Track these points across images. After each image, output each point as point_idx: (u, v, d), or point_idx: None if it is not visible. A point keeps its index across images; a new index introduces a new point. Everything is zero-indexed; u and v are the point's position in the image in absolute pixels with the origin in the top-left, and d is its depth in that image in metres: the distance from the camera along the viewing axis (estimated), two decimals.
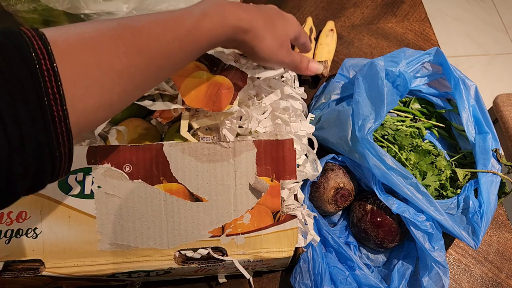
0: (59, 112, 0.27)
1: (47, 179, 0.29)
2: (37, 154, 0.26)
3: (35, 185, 0.28)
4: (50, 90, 0.26)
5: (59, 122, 0.27)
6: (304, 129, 0.53)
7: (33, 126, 0.25)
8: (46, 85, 0.26)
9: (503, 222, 0.63)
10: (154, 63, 0.34)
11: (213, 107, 0.47)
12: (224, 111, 0.48)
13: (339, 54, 0.78)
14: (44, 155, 0.27)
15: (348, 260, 0.54)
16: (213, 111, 0.47)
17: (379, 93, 0.53)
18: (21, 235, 0.43)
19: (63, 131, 0.27)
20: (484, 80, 1.76)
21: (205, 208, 0.45)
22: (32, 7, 0.64)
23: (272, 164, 0.45)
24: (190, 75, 0.47)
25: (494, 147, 0.56)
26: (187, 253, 0.46)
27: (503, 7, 2.01)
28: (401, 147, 0.59)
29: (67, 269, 0.44)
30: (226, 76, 0.48)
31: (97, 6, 0.63)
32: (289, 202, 0.48)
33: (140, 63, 0.32)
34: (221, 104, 0.47)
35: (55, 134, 0.27)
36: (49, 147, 0.27)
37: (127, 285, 0.52)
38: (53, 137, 0.27)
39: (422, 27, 0.82)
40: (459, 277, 0.59)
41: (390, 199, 0.52)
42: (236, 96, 0.48)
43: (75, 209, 0.43)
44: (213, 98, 0.47)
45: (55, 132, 0.27)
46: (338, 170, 0.58)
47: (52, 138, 0.27)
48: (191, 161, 0.44)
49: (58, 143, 0.27)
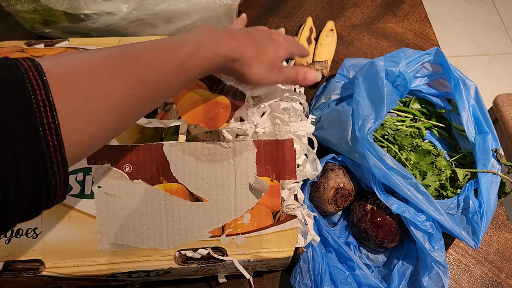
0: (54, 142, 0.27)
1: (42, 207, 0.29)
2: (32, 184, 0.26)
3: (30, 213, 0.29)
4: (45, 120, 0.26)
5: (54, 152, 0.27)
6: (304, 129, 0.53)
7: (29, 157, 0.26)
8: (41, 115, 0.26)
9: (503, 222, 0.63)
10: (151, 92, 0.35)
11: (209, 125, 0.47)
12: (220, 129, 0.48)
13: (339, 54, 0.78)
14: (40, 185, 0.27)
15: (348, 260, 0.54)
16: (209, 128, 0.48)
17: (379, 93, 0.53)
18: (21, 235, 0.43)
19: (58, 160, 0.28)
20: (484, 80, 1.76)
21: (205, 208, 0.45)
22: (32, 7, 0.64)
23: (272, 164, 0.45)
24: (189, 92, 0.47)
25: (494, 147, 0.56)
26: (187, 253, 0.46)
27: (503, 7, 2.01)
28: (401, 147, 0.59)
29: (67, 269, 0.44)
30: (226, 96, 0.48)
31: (97, 6, 0.63)
32: (289, 202, 0.48)
33: (137, 92, 0.33)
34: (217, 122, 0.47)
35: (50, 164, 0.27)
36: (45, 177, 0.27)
37: (127, 285, 0.52)
38: (48, 167, 0.27)
39: (422, 27, 0.82)
40: (459, 277, 0.59)
41: (390, 199, 0.52)
42: (233, 115, 0.48)
43: (75, 209, 0.43)
44: (210, 116, 0.47)
45: (50, 162, 0.27)
46: (338, 170, 0.58)
47: (47, 168, 0.27)
48: (191, 161, 0.44)
49: (54, 172, 0.28)
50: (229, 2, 0.66)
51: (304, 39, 0.75)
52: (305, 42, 0.75)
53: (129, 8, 0.63)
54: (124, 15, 0.63)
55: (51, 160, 0.27)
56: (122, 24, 0.64)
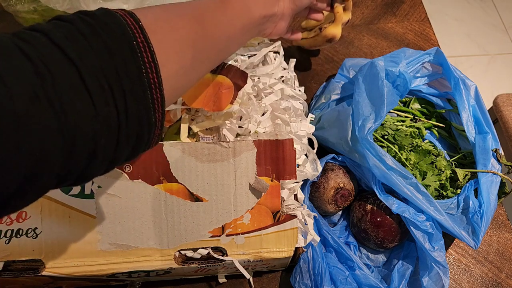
0: (154, 79, 0.29)
1: (141, 147, 0.31)
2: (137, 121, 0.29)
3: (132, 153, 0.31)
4: (146, 59, 0.29)
5: (155, 88, 0.29)
6: (304, 129, 0.53)
7: (135, 96, 0.28)
8: (143, 55, 0.29)
9: (503, 222, 0.63)
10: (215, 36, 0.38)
11: (213, 107, 0.47)
12: (225, 111, 0.48)
13: (339, 54, 0.78)
14: (143, 122, 0.29)
15: (348, 260, 0.53)
16: (213, 111, 0.47)
17: (379, 93, 0.53)
18: (21, 235, 0.43)
19: (158, 97, 0.30)
20: (484, 80, 1.76)
21: (205, 208, 0.45)
22: (32, 8, 0.64)
23: (272, 164, 0.45)
24: None
25: (494, 147, 0.56)
26: (187, 253, 0.46)
27: (503, 7, 2.01)
28: (401, 147, 0.59)
29: (67, 269, 0.44)
30: (226, 76, 0.48)
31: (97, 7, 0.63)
32: (289, 202, 0.48)
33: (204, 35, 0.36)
34: (221, 104, 0.47)
35: (151, 100, 0.29)
36: (147, 114, 0.29)
37: (127, 285, 0.52)
38: (150, 104, 0.29)
39: (422, 27, 0.82)
40: (459, 277, 0.59)
41: (390, 199, 0.52)
42: (236, 95, 0.48)
43: (75, 209, 0.43)
44: (213, 98, 0.47)
45: (151, 98, 0.29)
46: (338, 170, 0.58)
47: (149, 104, 0.29)
48: (191, 161, 0.44)
49: (154, 109, 0.30)
50: None
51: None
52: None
53: (129, 8, 0.63)
54: None
55: (152, 97, 0.29)
56: None
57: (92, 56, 0.26)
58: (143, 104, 0.29)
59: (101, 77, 0.26)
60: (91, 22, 0.27)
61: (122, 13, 0.29)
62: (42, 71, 0.24)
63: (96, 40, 0.27)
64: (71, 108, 0.24)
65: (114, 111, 0.27)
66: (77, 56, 0.25)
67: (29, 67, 0.23)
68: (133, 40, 0.28)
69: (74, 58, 0.25)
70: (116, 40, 0.28)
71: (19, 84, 0.23)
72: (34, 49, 0.24)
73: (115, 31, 0.28)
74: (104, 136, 0.27)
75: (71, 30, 0.27)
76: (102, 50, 0.27)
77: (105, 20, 0.28)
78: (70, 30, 0.27)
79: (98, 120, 0.26)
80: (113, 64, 0.27)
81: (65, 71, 0.25)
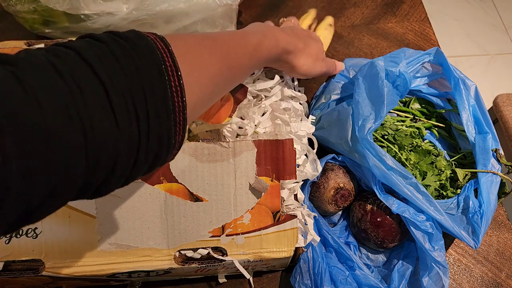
0: (179, 103, 0.30)
1: (158, 165, 0.32)
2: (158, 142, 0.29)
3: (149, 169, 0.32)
4: (173, 83, 0.30)
5: (179, 112, 0.30)
6: (304, 129, 0.53)
7: (158, 118, 0.29)
8: (170, 78, 0.29)
9: (503, 222, 0.63)
10: (232, 71, 0.39)
11: (212, 120, 0.47)
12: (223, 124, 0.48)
13: (339, 54, 0.78)
14: (163, 143, 0.30)
15: (348, 260, 0.53)
16: (212, 124, 0.48)
17: (379, 93, 0.53)
18: (21, 235, 0.43)
19: (180, 120, 0.30)
20: (484, 80, 1.76)
21: (205, 208, 0.45)
22: (32, 8, 0.64)
23: (272, 164, 0.45)
24: None
25: (494, 147, 0.55)
26: (187, 253, 0.46)
27: (503, 7, 2.01)
28: (401, 147, 0.59)
29: (67, 269, 0.44)
30: None
31: (97, 7, 0.63)
32: (289, 202, 0.48)
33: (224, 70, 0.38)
34: (220, 117, 0.47)
35: (174, 123, 0.30)
36: (168, 136, 0.30)
37: (127, 285, 0.52)
38: (172, 127, 0.30)
39: (422, 27, 0.82)
40: (459, 277, 0.59)
41: (390, 199, 0.52)
42: (235, 109, 0.48)
43: (75, 209, 0.43)
44: (213, 111, 0.47)
45: (174, 121, 0.30)
46: (338, 170, 0.58)
47: (171, 127, 0.30)
48: (191, 161, 0.44)
49: (176, 132, 0.30)
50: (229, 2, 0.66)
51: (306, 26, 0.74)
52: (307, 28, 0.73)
53: (129, 8, 0.63)
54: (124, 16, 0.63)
55: (175, 120, 0.30)
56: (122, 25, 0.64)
57: (121, 77, 0.27)
58: (166, 126, 0.29)
59: (128, 97, 0.27)
60: (123, 44, 0.28)
61: (153, 37, 0.30)
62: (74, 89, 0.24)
63: (126, 62, 0.27)
64: (98, 127, 0.25)
65: (136, 131, 0.27)
66: (106, 76, 0.26)
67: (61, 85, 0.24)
68: (161, 64, 0.29)
69: (104, 78, 0.26)
70: (146, 63, 0.28)
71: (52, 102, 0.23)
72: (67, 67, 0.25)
73: (145, 54, 0.29)
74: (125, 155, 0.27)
75: (103, 50, 0.27)
76: (131, 72, 0.27)
77: (136, 42, 0.29)
78: (102, 50, 0.27)
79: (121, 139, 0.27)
80: (140, 86, 0.27)
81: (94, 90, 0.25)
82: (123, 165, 0.28)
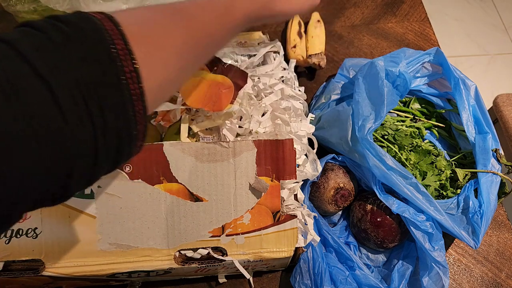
0: (136, 90, 0.27)
1: (122, 160, 0.29)
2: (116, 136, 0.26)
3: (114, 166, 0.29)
4: (126, 69, 0.26)
5: (136, 100, 0.27)
6: (304, 129, 0.54)
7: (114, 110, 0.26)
8: (122, 63, 0.26)
9: (503, 222, 0.63)
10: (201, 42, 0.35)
11: (213, 107, 0.47)
12: (225, 111, 0.48)
13: (339, 54, 0.78)
14: (123, 136, 0.27)
15: (348, 260, 0.53)
16: (214, 111, 0.47)
17: (379, 93, 0.53)
18: (21, 235, 0.43)
19: (140, 109, 0.27)
20: (484, 80, 1.76)
21: (205, 208, 0.45)
22: (32, 8, 0.64)
23: (272, 164, 0.45)
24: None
25: (494, 147, 0.55)
26: (187, 253, 0.46)
27: (503, 7, 2.01)
28: (401, 147, 0.59)
29: (67, 269, 0.44)
30: (226, 76, 0.48)
31: (97, 7, 0.63)
32: (289, 202, 0.48)
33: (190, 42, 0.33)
34: (221, 104, 0.47)
35: (132, 113, 0.27)
36: (127, 128, 0.27)
37: (127, 285, 0.52)
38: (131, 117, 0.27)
39: (422, 27, 0.82)
40: (459, 277, 0.59)
41: (390, 199, 0.52)
42: (236, 95, 0.48)
43: (75, 209, 0.43)
44: (214, 98, 0.47)
45: (132, 111, 0.27)
46: (338, 170, 0.58)
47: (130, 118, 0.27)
48: (191, 161, 0.44)
49: (136, 122, 0.27)
50: None
51: (295, 33, 0.74)
52: (297, 36, 0.73)
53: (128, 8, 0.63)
54: None
55: (133, 109, 0.27)
56: None
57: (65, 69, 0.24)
58: (123, 118, 0.26)
59: (76, 92, 0.24)
60: (64, 29, 0.25)
61: (100, 17, 0.27)
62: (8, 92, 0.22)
63: (69, 50, 0.24)
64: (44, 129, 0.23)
65: (90, 129, 0.24)
66: (47, 70, 0.23)
67: None
68: (111, 48, 0.26)
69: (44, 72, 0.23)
70: (92, 48, 0.25)
71: None
72: None
73: (91, 38, 0.25)
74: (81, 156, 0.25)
75: (41, 39, 0.24)
76: (76, 61, 0.24)
77: (80, 25, 0.26)
78: (40, 40, 0.24)
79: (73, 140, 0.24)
80: (88, 76, 0.24)
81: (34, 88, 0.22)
82: (81, 168, 0.25)
